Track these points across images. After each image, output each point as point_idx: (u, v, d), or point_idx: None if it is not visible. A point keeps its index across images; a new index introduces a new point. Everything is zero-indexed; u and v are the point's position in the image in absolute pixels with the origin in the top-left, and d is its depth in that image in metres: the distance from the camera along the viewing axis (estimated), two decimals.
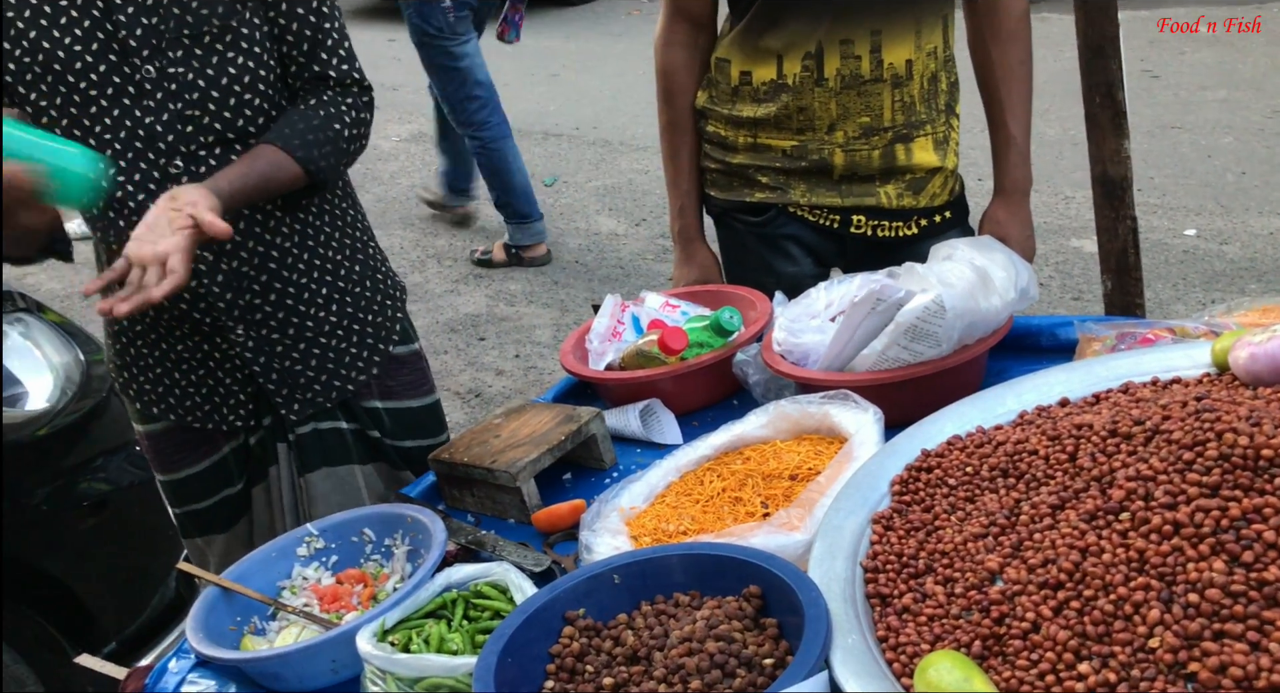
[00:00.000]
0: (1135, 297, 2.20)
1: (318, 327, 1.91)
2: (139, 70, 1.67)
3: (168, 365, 1.90)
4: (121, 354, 1.93)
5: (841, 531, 1.24)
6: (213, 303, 1.80)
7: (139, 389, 1.93)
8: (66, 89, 1.66)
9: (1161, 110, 6.22)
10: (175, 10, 1.68)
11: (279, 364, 1.88)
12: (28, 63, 1.64)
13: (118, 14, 1.65)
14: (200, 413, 1.91)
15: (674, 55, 2.17)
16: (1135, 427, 1.17)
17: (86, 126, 1.68)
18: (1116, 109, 2.14)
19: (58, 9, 1.64)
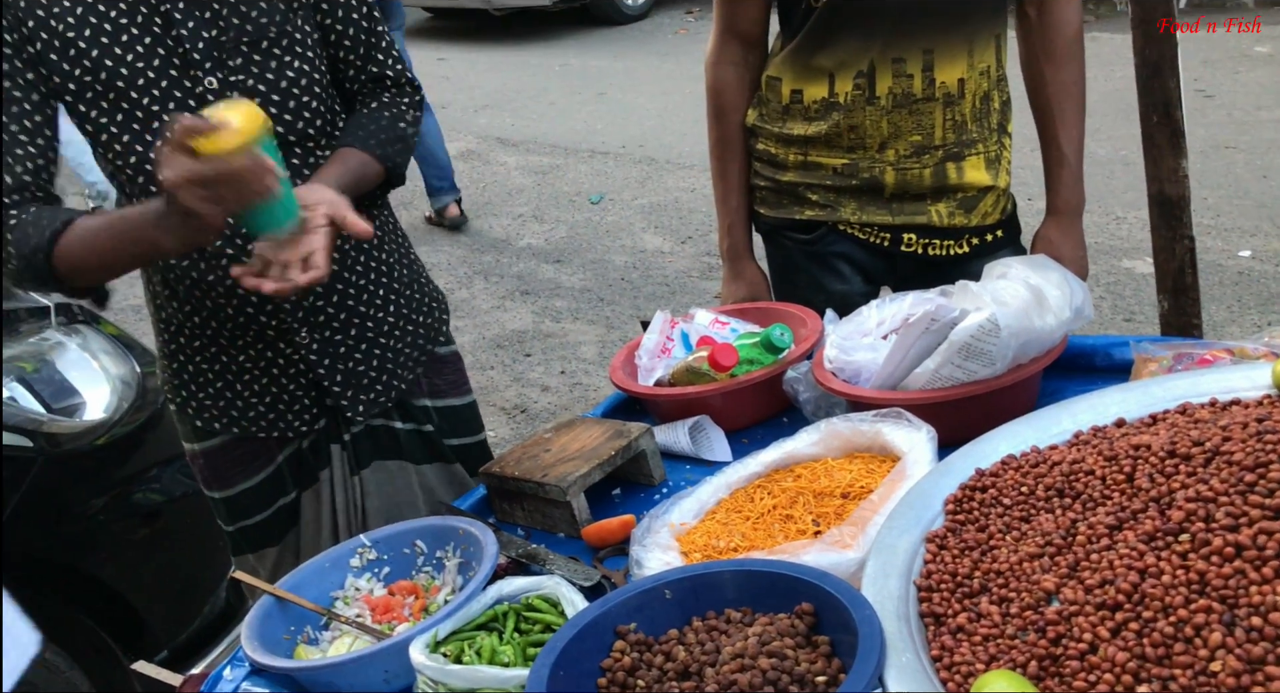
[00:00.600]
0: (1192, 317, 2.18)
1: (376, 327, 1.93)
2: (200, 82, 1.69)
3: (229, 378, 1.89)
4: (179, 373, 1.92)
5: (895, 549, 1.23)
6: (279, 305, 1.80)
7: (198, 406, 1.92)
8: (129, 105, 1.67)
9: (1216, 130, 6.15)
10: (235, 20, 1.70)
11: (342, 365, 1.90)
12: (89, 82, 1.65)
13: (178, 28, 1.67)
14: (265, 422, 1.91)
15: (725, 73, 2.18)
16: (1194, 448, 1.16)
17: (149, 142, 1.69)
18: (1174, 128, 2.12)
19: (118, 27, 1.66)
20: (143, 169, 1.69)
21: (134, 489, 2.46)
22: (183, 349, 1.89)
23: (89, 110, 1.67)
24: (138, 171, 1.70)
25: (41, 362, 2.45)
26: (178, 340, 1.88)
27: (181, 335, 1.88)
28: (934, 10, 1.96)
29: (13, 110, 1.62)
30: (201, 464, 1.97)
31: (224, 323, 1.82)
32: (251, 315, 1.81)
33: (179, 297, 1.81)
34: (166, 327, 1.88)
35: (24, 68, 1.63)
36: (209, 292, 1.77)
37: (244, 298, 1.78)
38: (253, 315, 1.81)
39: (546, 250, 5.97)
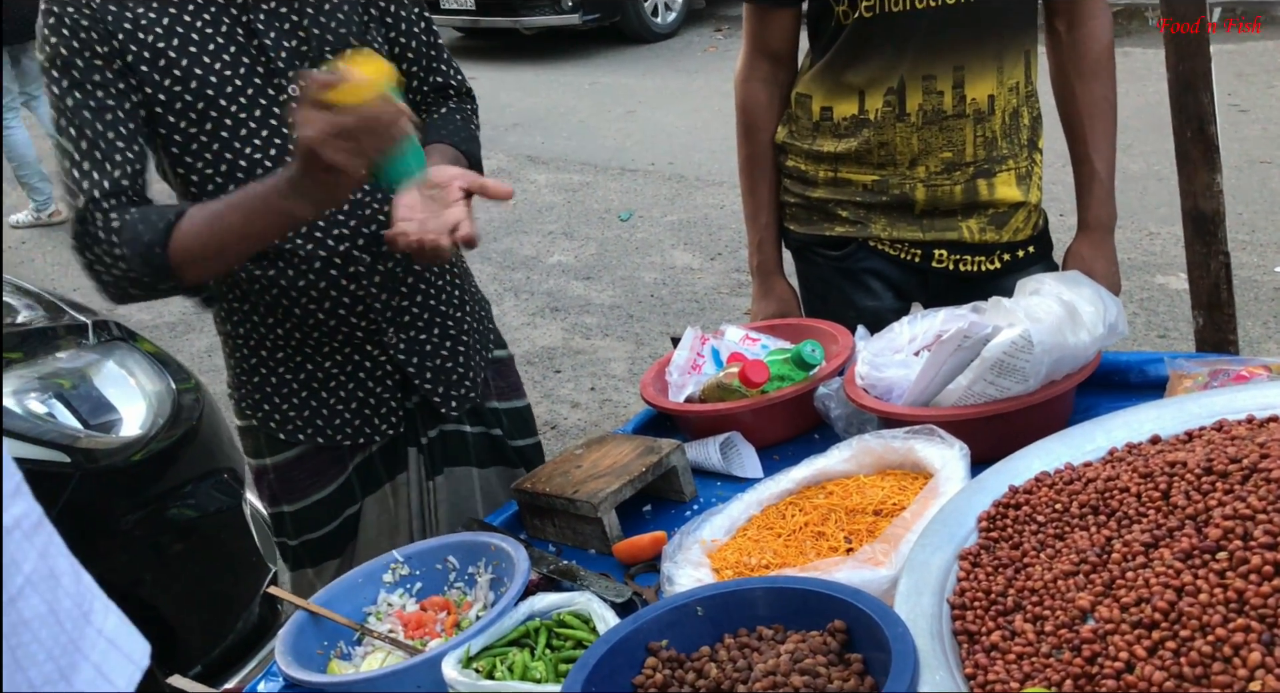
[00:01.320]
0: (1228, 333, 2.16)
1: (456, 326, 1.96)
2: (284, 91, 1.73)
3: (314, 386, 1.88)
4: (260, 387, 1.90)
5: (928, 567, 1.23)
6: (370, 305, 1.82)
7: (281, 418, 1.90)
8: (218, 114, 1.70)
9: (1250, 145, 6.10)
10: (315, 31, 1.74)
11: (430, 363, 1.92)
12: (178, 91, 1.68)
13: (261, 39, 1.71)
14: (350, 428, 1.91)
15: (754, 91, 2.18)
16: (1231, 465, 1.15)
17: (237, 149, 1.71)
18: (1208, 143, 2.10)
19: (204, 37, 1.69)
20: (233, 177, 1.72)
21: (169, 505, 2.48)
22: (264, 363, 1.88)
23: (177, 120, 1.70)
24: (228, 179, 1.72)
25: (79, 378, 2.48)
26: (258, 354, 1.88)
27: (263, 349, 1.87)
28: (964, 27, 1.96)
29: (106, 118, 1.65)
30: (273, 479, 1.95)
31: (310, 330, 1.83)
32: (342, 317, 1.82)
33: (260, 310, 1.82)
34: (245, 342, 1.88)
35: (115, 78, 1.65)
36: (298, 298, 1.78)
37: (335, 301, 1.79)
38: (344, 317, 1.82)
39: (576, 267, 5.99)
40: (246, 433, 1.97)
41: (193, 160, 1.72)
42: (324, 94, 1.39)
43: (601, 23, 10.73)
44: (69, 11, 1.64)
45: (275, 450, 1.94)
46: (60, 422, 2.36)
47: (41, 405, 2.34)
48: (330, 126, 1.40)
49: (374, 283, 1.82)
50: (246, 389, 1.92)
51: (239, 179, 1.71)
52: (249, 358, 1.89)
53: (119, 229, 1.62)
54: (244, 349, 1.89)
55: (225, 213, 1.59)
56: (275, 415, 1.91)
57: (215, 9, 1.70)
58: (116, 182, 1.64)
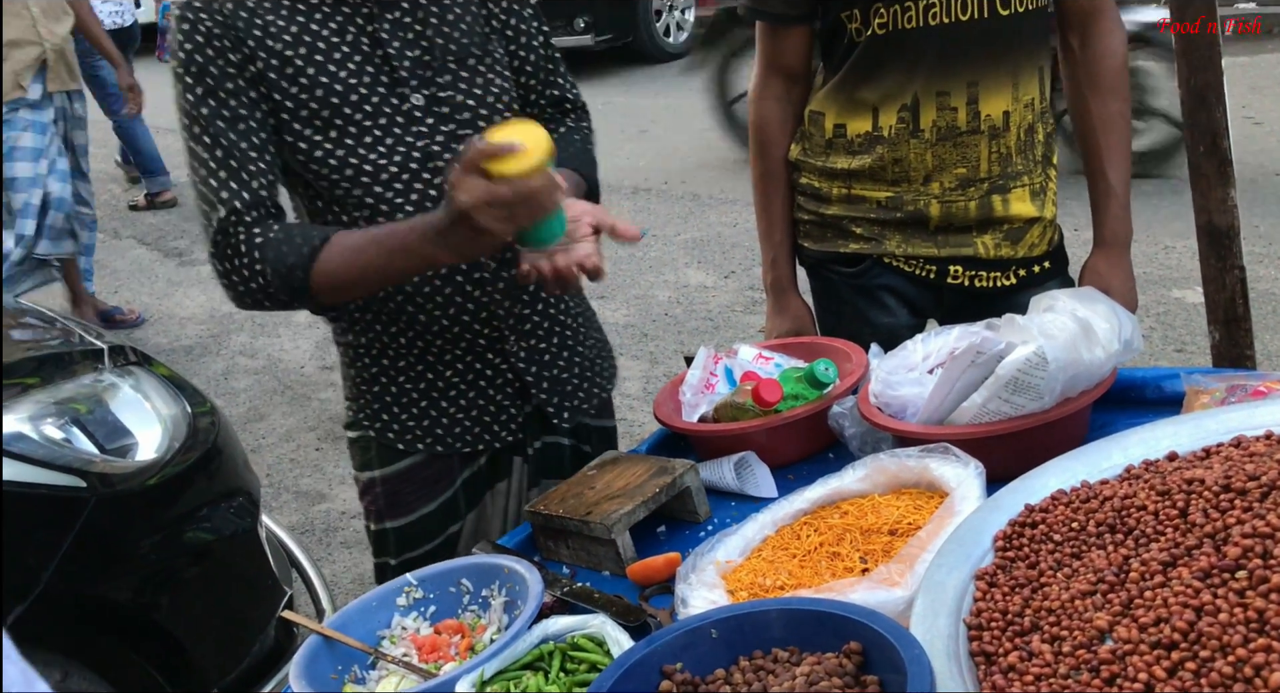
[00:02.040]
0: (1245, 348, 2.14)
1: (573, 336, 1.99)
2: (408, 100, 1.75)
3: (434, 395, 1.89)
4: (380, 396, 1.91)
5: (944, 587, 1.22)
6: (493, 312, 1.84)
7: (400, 428, 1.91)
8: (343, 121, 1.71)
9: (1265, 157, 6.08)
10: (439, 41, 1.77)
11: (548, 373, 1.94)
12: (305, 99, 1.70)
13: (385, 48, 1.73)
14: (470, 435, 1.92)
15: (768, 108, 2.19)
16: (1250, 482, 1.13)
17: (362, 155, 1.73)
18: (1221, 157, 2.10)
19: (330, 45, 1.71)
20: (357, 183, 1.74)
21: (185, 528, 2.48)
22: (385, 371, 1.89)
23: (303, 128, 1.71)
24: (352, 185, 1.74)
25: (95, 403, 2.49)
26: (380, 363, 1.89)
27: (384, 357, 1.88)
28: (978, 43, 1.96)
29: (239, 128, 1.67)
30: (380, 492, 1.95)
31: (434, 338, 1.85)
32: (466, 324, 1.84)
33: (383, 318, 1.84)
34: (367, 351, 1.89)
35: (247, 86, 1.68)
36: (423, 306, 1.80)
37: (460, 307, 1.82)
38: (467, 324, 1.84)
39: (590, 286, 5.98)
40: (359, 445, 1.97)
41: (317, 168, 1.73)
42: (485, 163, 1.44)
43: (614, 43, 10.78)
44: (203, 18, 1.66)
45: (387, 461, 1.93)
46: (76, 447, 2.36)
47: (58, 431, 2.35)
48: (487, 195, 1.45)
49: (498, 290, 1.84)
50: (366, 398, 1.93)
51: (363, 185, 1.74)
52: (370, 367, 1.90)
53: (261, 245, 1.65)
54: (365, 358, 1.90)
55: (368, 247, 1.63)
56: (394, 424, 1.91)
57: (342, 17, 1.72)
58: (255, 192, 1.67)
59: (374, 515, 1.99)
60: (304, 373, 5.42)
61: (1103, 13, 2.06)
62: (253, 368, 5.54)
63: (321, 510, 4.24)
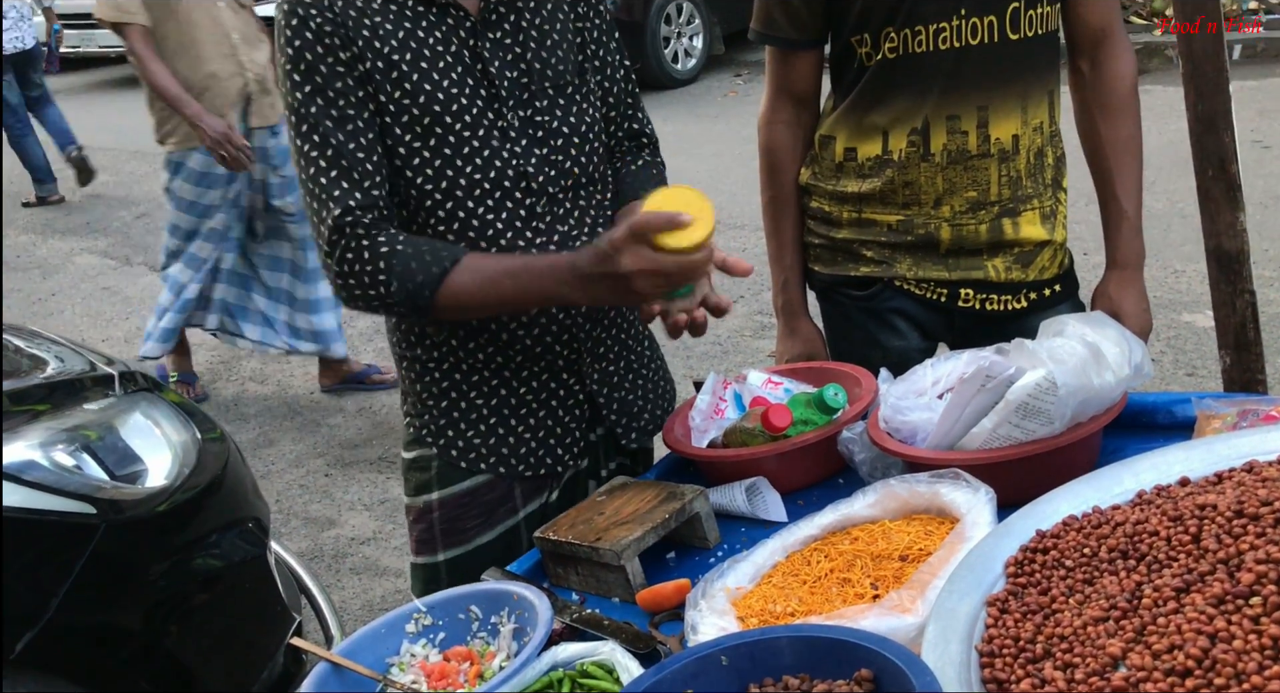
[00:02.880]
0: (1256, 372, 2.13)
1: (639, 359, 2.00)
2: (503, 117, 1.76)
3: (504, 413, 1.87)
4: (448, 411, 1.88)
5: (955, 614, 1.21)
6: (574, 334, 1.85)
7: (465, 445, 1.88)
8: (443, 130, 1.72)
9: (1274, 181, 6.07)
10: (537, 65, 1.78)
11: (618, 394, 1.95)
12: (407, 105, 1.70)
13: (488, 65, 1.74)
14: (534, 458, 1.90)
15: (778, 133, 2.20)
16: (1263, 508, 1.13)
17: (459, 167, 1.74)
18: (1230, 182, 2.09)
19: (435, 53, 1.71)
20: (452, 194, 1.74)
21: (194, 555, 2.48)
22: (456, 386, 1.87)
23: (404, 134, 1.71)
24: (446, 197, 1.74)
25: (106, 429, 2.50)
26: (451, 378, 1.87)
27: (457, 372, 1.86)
28: (987, 67, 1.97)
29: (348, 128, 1.67)
30: (436, 517, 1.90)
31: (514, 355, 1.84)
32: (548, 344, 1.84)
33: (460, 332, 1.82)
34: (438, 365, 1.87)
35: (355, 86, 1.67)
36: (507, 322, 1.80)
37: (544, 327, 1.82)
38: (549, 344, 1.84)
39: None
40: (418, 465, 1.92)
41: (413, 176, 1.73)
42: (657, 235, 1.50)
43: None
44: (313, 14, 1.65)
45: (448, 482, 1.89)
46: (86, 473, 2.37)
47: (68, 457, 2.35)
48: (652, 264, 1.52)
49: (581, 312, 1.84)
50: (431, 414, 1.90)
51: (456, 198, 1.74)
52: (440, 381, 1.88)
53: (386, 255, 1.66)
54: (435, 372, 1.88)
55: (502, 279, 1.66)
56: (459, 442, 1.89)
57: (446, 28, 1.72)
58: (368, 192, 1.68)
59: (426, 546, 1.92)
60: (314, 399, 5.42)
61: (1111, 37, 2.06)
62: (262, 394, 5.54)
63: (331, 537, 4.24)
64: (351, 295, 1.70)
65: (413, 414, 1.93)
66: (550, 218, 1.81)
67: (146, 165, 9.49)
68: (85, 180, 9.24)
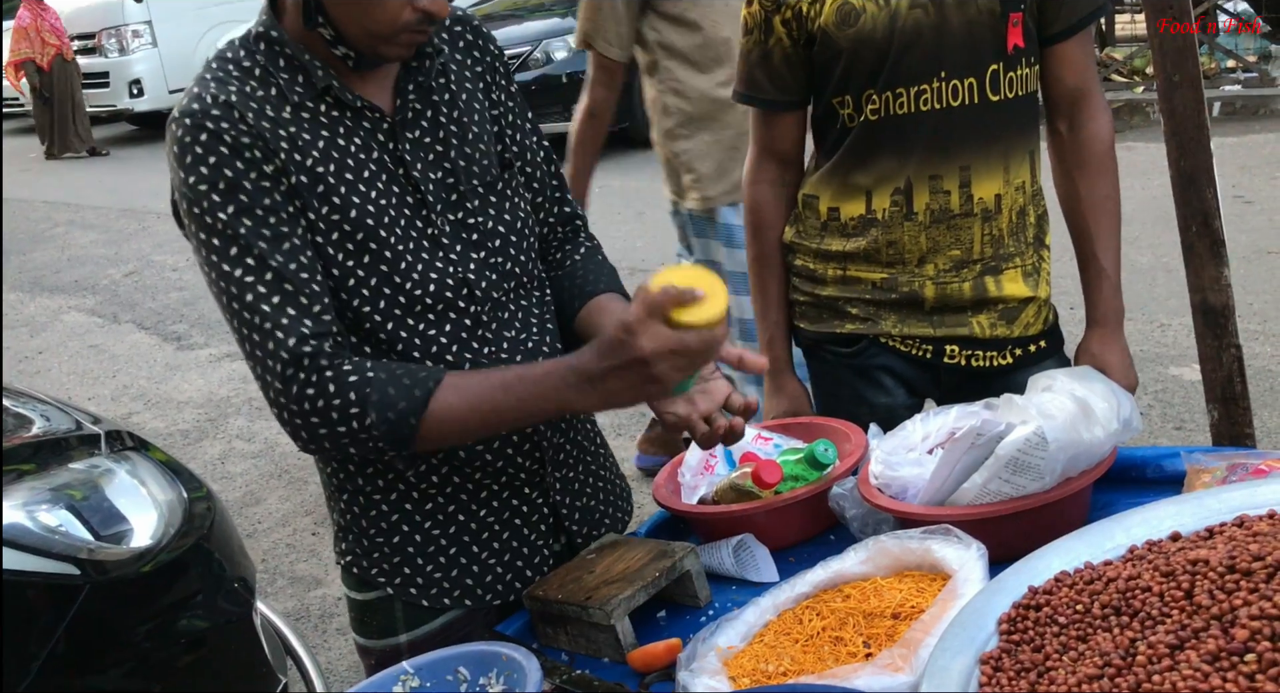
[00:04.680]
0: (1244, 426, 2.14)
1: (596, 461, 1.89)
2: (433, 224, 1.63)
3: (465, 540, 1.73)
4: (401, 547, 1.71)
5: (948, 672, 1.20)
6: (537, 443, 1.73)
7: (425, 580, 1.73)
8: (377, 245, 1.58)
9: (1256, 236, 6.13)
10: (461, 163, 1.67)
11: (579, 503, 1.84)
12: (337, 220, 1.56)
13: (410, 169, 1.63)
14: (502, 584, 1.76)
15: (762, 192, 2.21)
16: (1255, 562, 1.12)
17: (397, 284, 1.60)
18: (1214, 238, 2.12)
19: (359, 162, 1.58)
20: (391, 313, 1.61)
21: (179, 616, 2.45)
22: (408, 517, 1.71)
23: (336, 253, 1.57)
24: (386, 316, 1.61)
25: (91, 489, 2.47)
26: (401, 508, 1.71)
27: (408, 501, 1.71)
28: (969, 129, 1.99)
29: (284, 247, 1.51)
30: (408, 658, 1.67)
31: (473, 473, 1.71)
32: (509, 457, 1.71)
33: (410, 456, 1.65)
34: (385, 496, 1.71)
35: (284, 202, 1.52)
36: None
37: (504, 439, 1.69)
38: (510, 457, 1.71)
39: None
40: (374, 609, 1.76)
41: (348, 297, 1.58)
42: (673, 311, 1.41)
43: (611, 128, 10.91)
44: (224, 128, 1.50)
45: (415, 624, 1.74)
46: (71, 534, 2.34)
47: (53, 518, 2.33)
48: (674, 343, 1.40)
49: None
50: (382, 553, 1.72)
51: (396, 317, 1.61)
52: (389, 515, 1.71)
53: (358, 384, 1.50)
54: (382, 505, 1.71)
55: (494, 394, 1.52)
56: (418, 579, 1.72)
57: (364, 133, 1.60)
58: (319, 318, 1.52)
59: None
60: (301, 457, 5.38)
61: (1088, 98, 2.09)
62: (249, 452, 5.51)
63: (317, 596, 4.19)
64: (315, 435, 1.53)
65: (358, 554, 1.75)
66: (496, 325, 1.69)
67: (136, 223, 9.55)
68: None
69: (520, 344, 1.72)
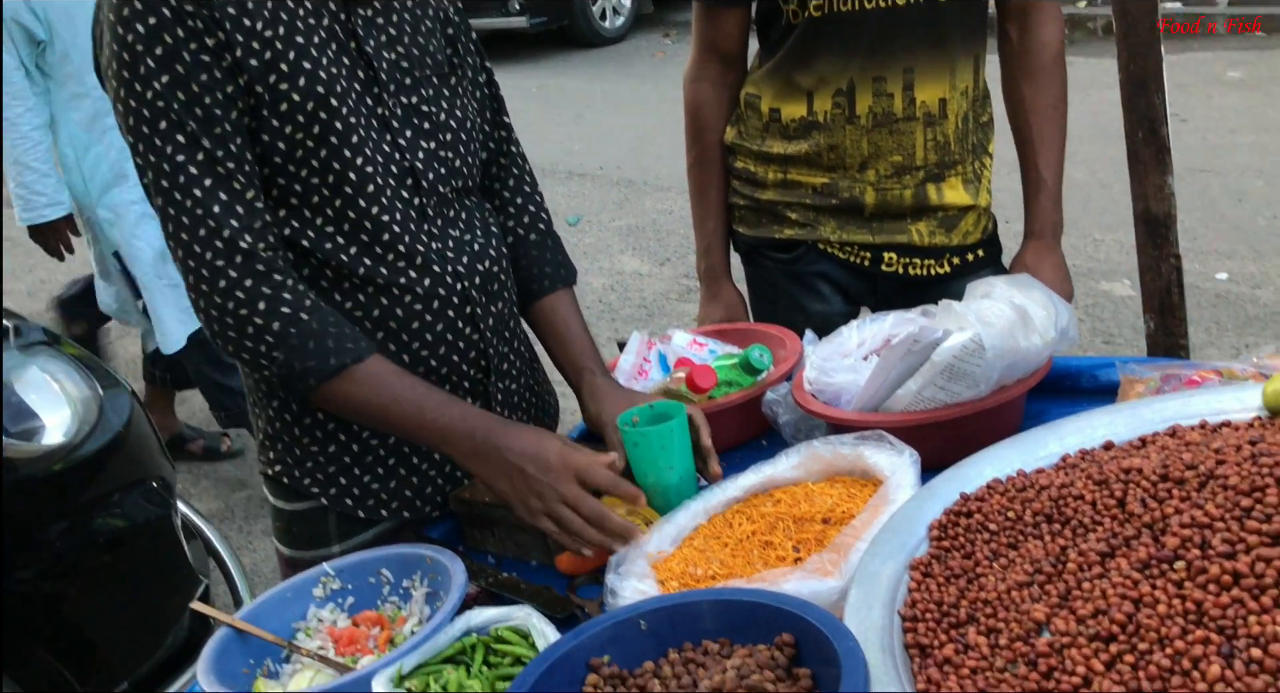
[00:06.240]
0: (1179, 337, 2.15)
1: (534, 373, 1.86)
2: (384, 104, 1.57)
3: (405, 451, 1.67)
4: (336, 457, 1.66)
5: (878, 577, 1.19)
6: (483, 351, 1.69)
7: (362, 491, 1.67)
8: (328, 116, 1.49)
9: (1190, 154, 6.18)
10: (414, 50, 1.61)
11: (516, 415, 1.79)
12: (285, 90, 1.47)
13: (363, 43, 1.55)
14: (441, 496, 1.72)
15: (703, 91, 2.15)
16: (1188, 471, 1.12)
17: (347, 159, 1.52)
18: (1160, 144, 2.10)
19: (309, 28, 1.50)
20: (340, 191, 1.53)
21: (94, 515, 2.39)
22: (345, 427, 1.65)
23: (283, 125, 1.48)
24: (335, 192, 1.53)
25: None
26: (338, 417, 1.64)
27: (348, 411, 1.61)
28: (914, 28, 1.94)
29: (217, 131, 1.43)
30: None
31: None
32: (455, 364, 1.67)
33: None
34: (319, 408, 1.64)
35: (224, 79, 1.43)
36: (409, 343, 1.62)
37: (451, 346, 1.65)
38: (456, 364, 1.67)
39: None
40: (304, 519, 1.70)
41: (295, 170, 1.51)
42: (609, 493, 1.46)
43: (549, 26, 10.68)
44: None
45: (348, 534, 1.70)
46: None
47: None
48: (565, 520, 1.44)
49: (489, 326, 1.69)
50: (316, 463, 1.66)
51: (346, 196, 1.53)
52: (324, 423, 1.64)
53: (286, 321, 1.45)
54: (317, 413, 1.63)
55: (399, 407, 1.49)
56: (354, 490, 1.67)
57: (313, 2, 1.51)
58: (252, 206, 1.46)
59: None
60: None
61: (1040, 3, 2.04)
62: None
63: (242, 497, 4.14)
64: (227, 338, 1.47)
65: (288, 463, 1.68)
66: (442, 221, 1.64)
67: None
68: None
69: (466, 245, 1.66)
